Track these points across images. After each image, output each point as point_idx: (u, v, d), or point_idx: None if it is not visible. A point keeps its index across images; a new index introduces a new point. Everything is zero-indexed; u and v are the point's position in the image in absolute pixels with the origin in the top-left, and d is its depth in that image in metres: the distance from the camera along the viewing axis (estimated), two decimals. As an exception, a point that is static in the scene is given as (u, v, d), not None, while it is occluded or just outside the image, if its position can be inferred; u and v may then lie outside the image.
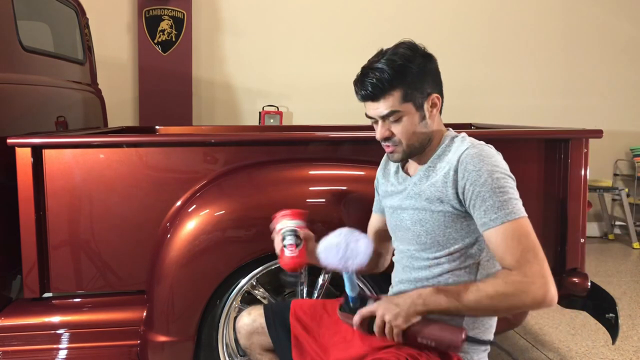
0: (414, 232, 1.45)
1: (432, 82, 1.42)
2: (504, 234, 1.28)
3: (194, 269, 1.88)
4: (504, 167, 1.35)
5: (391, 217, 1.55)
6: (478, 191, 1.31)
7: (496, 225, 1.29)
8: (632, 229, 4.81)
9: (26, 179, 1.89)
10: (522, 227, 1.28)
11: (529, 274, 1.24)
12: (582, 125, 2.35)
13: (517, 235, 1.27)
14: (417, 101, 1.39)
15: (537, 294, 1.23)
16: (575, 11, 5.09)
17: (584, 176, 2.07)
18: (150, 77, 4.56)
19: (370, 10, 4.87)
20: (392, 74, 1.36)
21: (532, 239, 1.28)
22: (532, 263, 1.25)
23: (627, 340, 2.83)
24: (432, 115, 1.43)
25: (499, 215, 1.28)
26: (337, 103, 4.76)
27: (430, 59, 1.43)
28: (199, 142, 2.01)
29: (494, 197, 1.29)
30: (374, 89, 1.38)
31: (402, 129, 1.40)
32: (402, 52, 1.38)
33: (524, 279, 1.24)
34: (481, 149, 1.37)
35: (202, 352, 1.94)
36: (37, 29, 2.64)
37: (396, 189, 1.52)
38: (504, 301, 1.26)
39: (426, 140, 1.44)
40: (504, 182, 1.31)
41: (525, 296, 1.24)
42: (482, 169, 1.32)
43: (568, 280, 2.07)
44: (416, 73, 1.38)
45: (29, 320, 1.95)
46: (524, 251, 1.26)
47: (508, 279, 1.26)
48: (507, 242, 1.27)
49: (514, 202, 1.30)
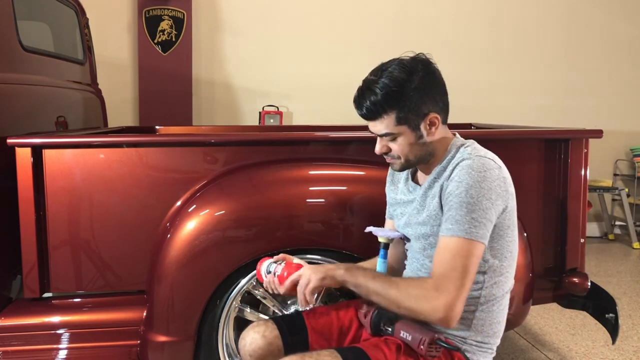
0: (419, 246, 1.47)
1: (430, 102, 1.39)
2: (447, 245, 1.31)
3: (194, 269, 1.88)
4: (489, 186, 1.31)
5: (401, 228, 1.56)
6: (451, 199, 1.33)
7: (447, 234, 1.32)
8: (632, 229, 4.82)
9: (26, 179, 1.89)
10: (465, 249, 1.29)
11: (442, 289, 1.28)
12: (582, 125, 2.35)
13: (456, 253, 1.29)
14: (412, 123, 1.39)
15: (436, 310, 1.27)
16: (575, 11, 5.10)
17: (584, 176, 2.07)
18: (150, 77, 4.56)
19: (370, 10, 4.87)
20: (385, 99, 1.36)
21: (467, 264, 1.29)
22: (451, 283, 1.28)
23: (627, 340, 2.83)
24: (430, 133, 1.41)
25: (453, 228, 1.31)
26: (337, 103, 4.75)
27: (429, 78, 1.39)
28: (199, 142, 2.01)
29: (459, 209, 1.31)
30: (368, 112, 1.40)
31: (398, 147, 1.42)
32: (397, 77, 1.35)
33: (432, 291, 1.28)
34: (476, 161, 1.34)
35: (202, 352, 1.94)
36: (37, 29, 2.64)
37: (407, 198, 1.53)
38: (405, 299, 1.31)
39: (426, 154, 1.44)
40: (477, 200, 1.30)
41: (425, 304, 1.29)
42: (463, 181, 1.32)
43: (568, 280, 2.07)
44: (411, 97, 1.36)
45: (29, 320, 1.95)
46: (452, 269, 1.28)
47: (422, 283, 1.32)
48: (445, 254, 1.31)
49: (475, 223, 1.30)
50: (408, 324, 1.37)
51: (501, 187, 1.34)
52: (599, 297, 2.11)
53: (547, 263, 2.12)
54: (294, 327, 1.55)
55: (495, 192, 1.32)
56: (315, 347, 1.53)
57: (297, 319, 1.58)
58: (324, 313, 1.60)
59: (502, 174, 1.36)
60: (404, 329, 1.36)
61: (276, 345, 1.51)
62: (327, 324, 1.57)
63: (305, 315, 1.59)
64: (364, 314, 1.47)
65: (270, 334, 1.52)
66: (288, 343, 1.52)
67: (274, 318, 1.60)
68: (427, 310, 1.28)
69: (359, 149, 2.06)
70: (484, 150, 1.42)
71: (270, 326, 1.54)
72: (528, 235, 2.02)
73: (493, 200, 1.31)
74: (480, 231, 1.30)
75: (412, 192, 1.51)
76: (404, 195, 1.54)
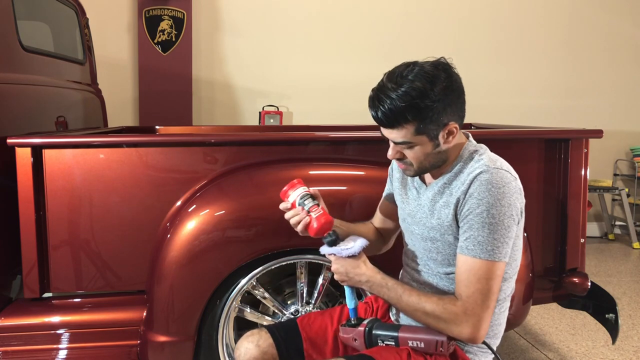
0: (424, 247, 1.47)
1: (450, 112, 1.33)
2: (471, 266, 1.30)
3: (194, 269, 1.88)
4: (509, 202, 1.30)
5: (404, 222, 1.56)
6: (471, 218, 1.31)
7: (469, 255, 1.31)
8: (632, 229, 4.81)
9: (26, 179, 1.89)
10: (489, 270, 1.29)
11: (469, 312, 1.28)
12: (582, 125, 2.35)
13: (480, 275, 1.29)
14: (431, 133, 1.33)
15: (464, 332, 1.29)
16: (576, 12, 5.09)
17: (584, 176, 2.07)
18: (150, 77, 4.56)
19: (371, 10, 4.87)
20: (406, 109, 1.29)
21: (492, 285, 1.29)
22: (477, 305, 1.28)
23: (627, 340, 2.83)
24: (447, 142, 1.36)
25: (476, 250, 1.30)
26: (337, 103, 4.77)
27: (452, 87, 1.33)
28: (199, 142, 2.01)
29: (480, 230, 1.29)
30: (386, 119, 1.32)
31: (413, 155, 1.37)
32: (419, 87, 1.28)
33: (460, 314, 1.28)
34: (494, 175, 1.31)
35: (202, 352, 1.94)
36: (37, 29, 2.64)
37: (413, 194, 1.51)
38: (434, 322, 1.32)
39: (440, 161, 1.40)
40: (499, 220, 1.29)
41: (454, 327, 1.29)
42: (484, 199, 1.30)
43: (568, 281, 2.07)
44: (433, 108, 1.29)
45: (29, 320, 1.95)
46: (477, 291, 1.29)
47: (448, 307, 1.30)
48: (469, 276, 1.30)
49: (497, 244, 1.29)
50: (410, 331, 1.37)
51: (519, 200, 1.34)
52: (599, 297, 2.11)
53: (547, 263, 2.12)
54: (288, 335, 1.55)
55: (515, 207, 1.31)
56: (310, 354, 1.53)
57: (291, 326, 1.58)
58: (318, 319, 1.60)
59: (518, 185, 1.35)
60: (411, 339, 1.35)
61: (271, 354, 1.51)
62: (322, 329, 1.57)
63: (300, 322, 1.59)
64: (352, 339, 1.43)
65: (264, 343, 1.52)
66: (282, 351, 1.52)
67: (267, 327, 1.59)
68: (456, 333, 1.30)
69: (359, 149, 2.06)
70: (499, 159, 1.39)
71: (264, 335, 1.53)
72: (528, 235, 2.02)
73: (514, 216, 1.31)
74: (503, 251, 1.30)
75: (418, 190, 1.49)
76: (410, 191, 1.52)
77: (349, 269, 1.41)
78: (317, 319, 1.60)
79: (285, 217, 1.47)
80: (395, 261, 1.63)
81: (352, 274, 1.41)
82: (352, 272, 1.41)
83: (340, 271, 1.42)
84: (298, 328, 1.56)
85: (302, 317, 1.62)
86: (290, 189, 1.48)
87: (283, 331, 1.56)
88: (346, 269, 1.41)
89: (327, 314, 1.62)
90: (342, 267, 1.41)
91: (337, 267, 1.42)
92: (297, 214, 1.44)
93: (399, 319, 1.52)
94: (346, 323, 1.45)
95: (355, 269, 1.40)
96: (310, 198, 1.46)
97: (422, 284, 1.47)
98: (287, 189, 1.49)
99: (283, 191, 1.49)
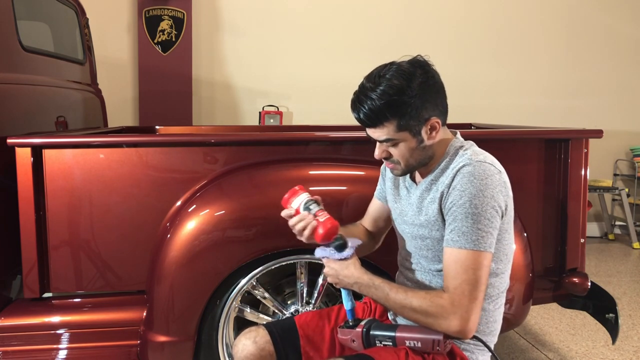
0: (415, 245, 1.47)
1: (430, 107, 1.36)
2: (457, 257, 1.30)
3: (194, 269, 1.88)
4: (492, 194, 1.31)
5: (396, 221, 1.57)
6: (454, 210, 1.32)
7: (455, 247, 1.31)
8: (632, 229, 4.82)
9: (26, 179, 1.89)
10: (475, 260, 1.29)
11: (456, 304, 1.28)
12: (582, 125, 2.35)
13: (467, 265, 1.29)
14: (413, 129, 1.36)
15: (452, 324, 1.28)
16: (576, 12, 5.10)
17: (584, 176, 2.07)
18: (150, 77, 4.56)
19: (371, 10, 4.87)
20: (385, 107, 1.32)
21: (479, 275, 1.29)
22: (465, 296, 1.28)
23: (627, 340, 2.83)
24: (431, 137, 1.39)
25: (460, 240, 1.30)
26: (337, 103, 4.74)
27: (429, 83, 1.35)
28: (199, 142, 2.01)
29: (464, 220, 1.30)
30: (368, 119, 1.35)
31: (399, 152, 1.40)
32: (396, 84, 1.31)
33: (448, 307, 1.28)
34: (477, 168, 1.33)
35: (202, 352, 1.94)
36: (37, 29, 2.64)
37: (404, 194, 1.52)
38: (423, 317, 1.31)
39: (426, 158, 1.42)
40: (482, 210, 1.29)
41: (442, 321, 1.29)
42: (466, 190, 1.31)
43: (568, 281, 2.07)
44: (411, 104, 1.32)
45: (29, 320, 1.95)
46: (464, 282, 1.28)
47: (435, 300, 1.30)
48: (456, 267, 1.30)
49: (482, 234, 1.29)
50: (407, 330, 1.36)
51: (502, 193, 1.34)
52: (599, 297, 2.11)
53: (547, 263, 2.12)
54: (285, 332, 1.55)
55: (497, 198, 1.32)
56: (307, 352, 1.53)
57: (289, 324, 1.58)
58: (315, 317, 1.60)
59: (502, 178, 1.36)
60: (408, 339, 1.35)
61: (268, 350, 1.52)
62: (319, 328, 1.57)
63: (297, 320, 1.59)
64: (350, 340, 1.43)
65: (261, 339, 1.52)
66: (279, 348, 1.52)
67: (265, 324, 1.60)
68: (444, 326, 1.29)
69: (358, 149, 2.06)
70: (483, 153, 1.41)
71: (261, 332, 1.54)
72: (528, 235, 2.02)
73: (496, 207, 1.32)
74: (488, 241, 1.30)
75: (408, 190, 1.51)
76: (401, 190, 1.54)
77: (338, 271, 1.41)
78: (314, 317, 1.61)
79: (290, 224, 1.45)
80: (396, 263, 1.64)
81: (341, 275, 1.41)
82: (342, 274, 1.41)
83: (331, 273, 1.43)
84: (295, 326, 1.57)
85: (299, 316, 1.62)
86: (293, 196, 1.47)
87: (280, 329, 1.57)
88: (336, 271, 1.41)
89: (325, 312, 1.63)
90: (333, 270, 1.42)
91: (328, 270, 1.43)
92: (304, 219, 1.43)
93: (396, 318, 1.52)
94: (344, 324, 1.45)
95: (344, 271, 1.41)
96: (315, 203, 1.45)
97: (416, 282, 1.47)
98: (289, 196, 1.47)
99: (284, 199, 1.48)
